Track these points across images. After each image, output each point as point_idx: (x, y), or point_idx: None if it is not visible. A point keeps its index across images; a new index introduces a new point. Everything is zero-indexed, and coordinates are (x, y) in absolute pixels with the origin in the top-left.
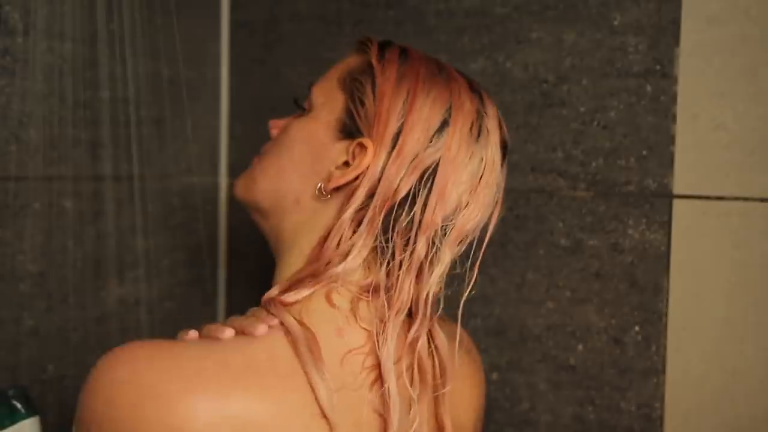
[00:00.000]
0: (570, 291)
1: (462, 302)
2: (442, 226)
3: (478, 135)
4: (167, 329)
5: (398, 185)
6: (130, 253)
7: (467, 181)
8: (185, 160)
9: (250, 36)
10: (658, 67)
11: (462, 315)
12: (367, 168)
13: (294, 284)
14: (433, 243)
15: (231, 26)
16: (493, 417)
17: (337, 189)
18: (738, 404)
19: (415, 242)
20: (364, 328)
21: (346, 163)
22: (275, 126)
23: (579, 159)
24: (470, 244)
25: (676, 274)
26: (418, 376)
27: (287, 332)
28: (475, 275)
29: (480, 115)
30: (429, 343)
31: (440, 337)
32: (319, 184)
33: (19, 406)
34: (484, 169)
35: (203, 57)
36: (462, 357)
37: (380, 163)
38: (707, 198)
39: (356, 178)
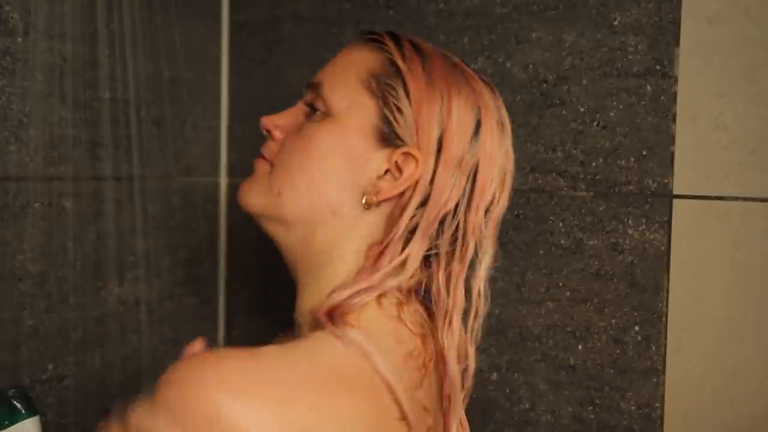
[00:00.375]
0: (570, 291)
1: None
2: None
3: (502, 128)
4: (167, 329)
5: (450, 193)
6: (130, 253)
7: (498, 175)
8: (185, 160)
9: (250, 36)
10: (658, 67)
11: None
12: (418, 178)
13: (354, 295)
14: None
15: (231, 26)
16: (493, 417)
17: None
18: (738, 404)
19: (464, 244)
20: (412, 330)
21: (387, 172)
22: (274, 125)
23: (579, 159)
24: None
25: (676, 274)
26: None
27: (348, 342)
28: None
29: (498, 108)
30: None
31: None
32: (365, 197)
33: (19, 406)
34: (508, 160)
35: (203, 57)
36: None
37: (429, 172)
38: (707, 198)
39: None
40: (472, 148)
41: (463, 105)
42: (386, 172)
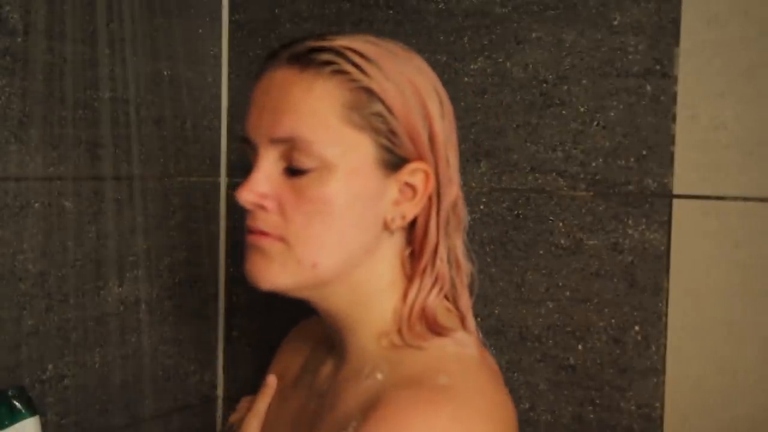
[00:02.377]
0: (570, 291)
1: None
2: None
3: (442, 90)
4: (167, 329)
5: (453, 177)
6: (130, 253)
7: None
8: (185, 160)
9: (250, 36)
10: (658, 67)
11: None
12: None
13: (425, 299)
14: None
15: (231, 26)
16: None
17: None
18: (738, 404)
19: (456, 212)
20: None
21: (400, 192)
22: (261, 196)
23: (579, 159)
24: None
25: (676, 274)
26: None
27: (465, 344)
28: None
29: (433, 73)
30: None
31: None
32: (393, 224)
33: (19, 406)
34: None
35: (203, 57)
36: None
37: (434, 172)
38: (707, 198)
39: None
40: (444, 124)
41: (428, 92)
42: (399, 192)
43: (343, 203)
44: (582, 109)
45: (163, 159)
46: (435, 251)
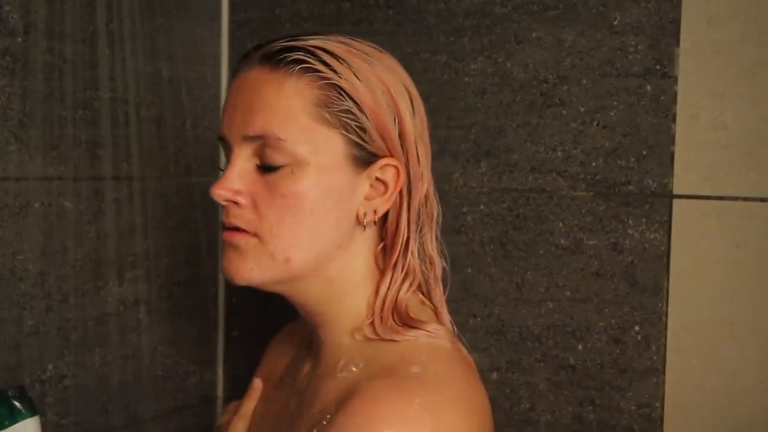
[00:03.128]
0: (570, 291)
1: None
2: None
3: (411, 85)
4: (167, 329)
5: (423, 172)
6: (129, 253)
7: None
8: (185, 160)
9: (250, 36)
10: (658, 67)
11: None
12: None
13: (397, 292)
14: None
15: (231, 26)
16: (493, 417)
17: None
18: (738, 404)
19: (428, 206)
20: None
21: (370, 186)
22: (235, 192)
23: (579, 159)
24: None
25: (676, 274)
26: None
27: (440, 335)
28: None
29: (402, 69)
30: None
31: None
32: (365, 220)
33: (19, 406)
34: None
35: (203, 57)
36: None
37: (405, 167)
38: (707, 198)
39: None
40: (414, 122)
41: (398, 89)
42: (371, 187)
43: (315, 199)
44: (582, 109)
45: (163, 159)
46: (406, 245)
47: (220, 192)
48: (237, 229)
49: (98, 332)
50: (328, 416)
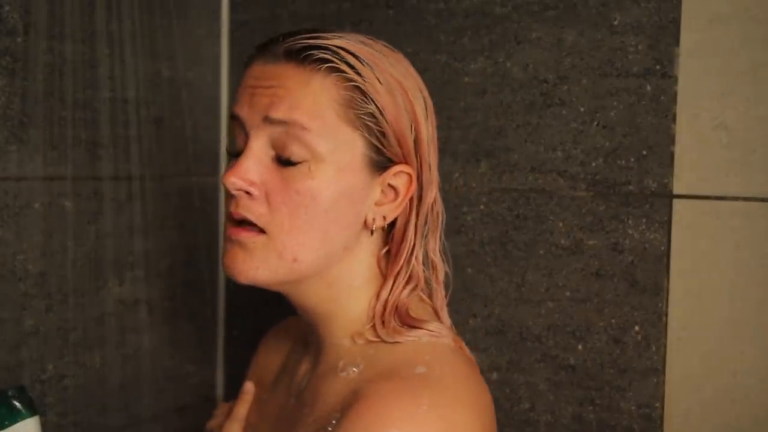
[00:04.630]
0: (570, 291)
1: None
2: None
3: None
4: (167, 329)
5: (433, 181)
6: (129, 253)
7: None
8: (185, 160)
9: (250, 36)
10: (658, 67)
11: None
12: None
13: (399, 294)
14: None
15: (231, 26)
16: None
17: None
18: (738, 404)
19: (434, 212)
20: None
21: (382, 192)
22: (250, 183)
23: (579, 159)
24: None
25: (676, 274)
26: None
27: (442, 335)
28: None
29: (418, 74)
30: None
31: None
32: (374, 225)
33: (19, 406)
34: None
35: (203, 57)
36: None
37: (417, 178)
38: (707, 198)
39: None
40: (428, 126)
41: (415, 94)
42: (381, 193)
43: (329, 199)
44: (582, 109)
45: (163, 159)
46: (412, 252)
47: (233, 180)
48: (244, 225)
49: (98, 332)
50: (334, 421)
